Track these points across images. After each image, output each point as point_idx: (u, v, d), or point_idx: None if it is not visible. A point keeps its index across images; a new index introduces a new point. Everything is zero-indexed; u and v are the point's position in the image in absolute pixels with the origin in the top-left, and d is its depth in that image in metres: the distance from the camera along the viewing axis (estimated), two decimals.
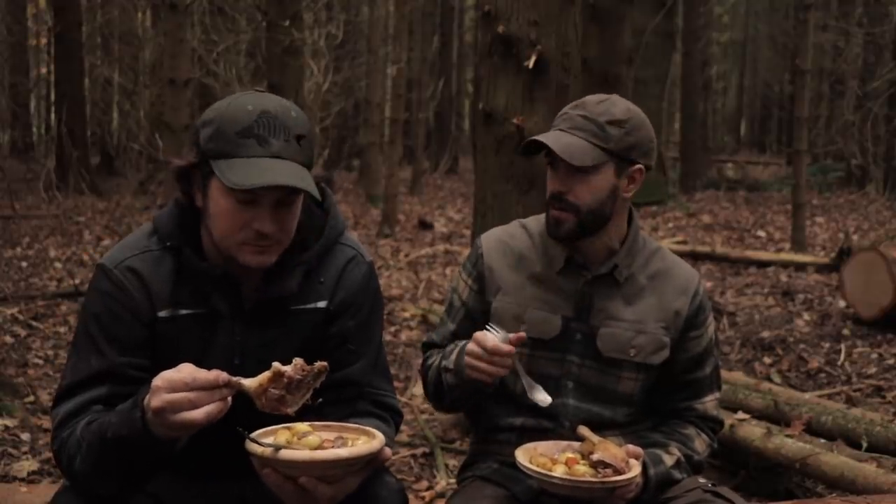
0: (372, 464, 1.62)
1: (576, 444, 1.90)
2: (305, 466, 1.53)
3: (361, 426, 1.68)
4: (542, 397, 1.92)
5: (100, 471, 1.62)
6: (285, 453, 1.53)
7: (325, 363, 1.61)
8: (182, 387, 1.49)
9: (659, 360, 2.04)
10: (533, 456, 1.86)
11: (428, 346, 2.20)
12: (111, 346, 1.72)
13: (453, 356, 1.97)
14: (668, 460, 1.98)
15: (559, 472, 1.79)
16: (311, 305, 1.82)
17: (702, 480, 2.00)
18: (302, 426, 1.63)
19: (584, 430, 1.93)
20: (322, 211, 1.88)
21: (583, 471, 1.79)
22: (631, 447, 1.88)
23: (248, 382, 1.55)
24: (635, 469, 1.82)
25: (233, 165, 1.62)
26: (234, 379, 1.53)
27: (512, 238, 2.13)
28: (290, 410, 1.57)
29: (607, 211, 2.00)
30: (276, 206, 1.67)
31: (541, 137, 1.96)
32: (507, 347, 1.83)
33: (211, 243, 1.77)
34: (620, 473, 1.78)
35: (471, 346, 1.86)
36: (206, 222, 1.74)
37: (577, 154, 1.93)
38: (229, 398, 1.53)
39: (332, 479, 1.56)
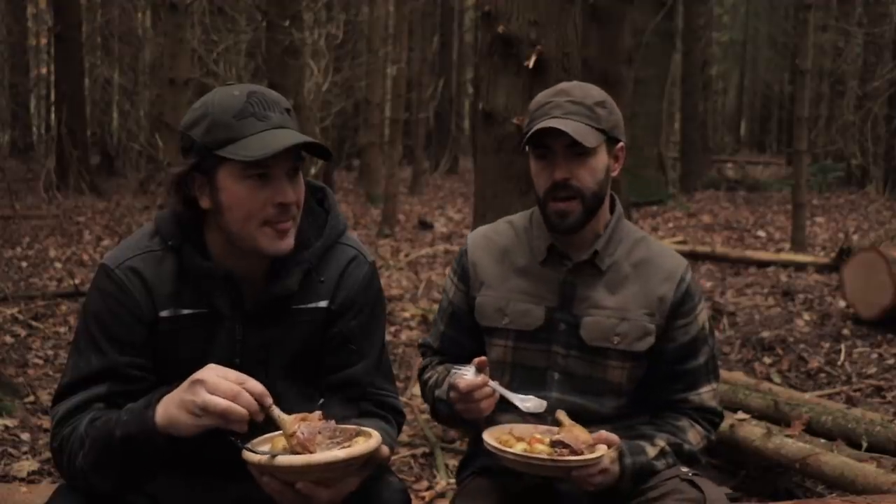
0: (370, 463, 1.62)
1: (555, 429, 1.91)
2: (303, 471, 1.53)
3: (358, 426, 1.68)
4: (534, 405, 1.92)
5: (101, 468, 1.62)
6: (282, 459, 1.53)
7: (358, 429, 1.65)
8: (234, 378, 1.54)
9: (644, 346, 2.03)
10: (500, 434, 1.89)
11: (423, 349, 2.22)
12: (111, 345, 1.72)
13: (444, 386, 1.99)
14: (651, 451, 1.96)
15: (518, 449, 1.81)
16: (312, 305, 1.83)
17: (684, 469, 1.98)
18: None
19: (560, 415, 1.93)
20: (323, 210, 1.88)
21: (541, 449, 1.81)
22: (604, 433, 1.88)
23: (287, 416, 1.57)
24: (598, 453, 1.82)
25: (242, 145, 1.64)
26: (275, 408, 1.56)
27: (497, 234, 2.16)
28: (318, 452, 1.56)
29: (603, 193, 2.03)
30: (289, 176, 1.70)
31: (550, 125, 1.94)
32: (478, 380, 1.84)
33: (216, 242, 1.77)
34: (576, 454, 1.79)
35: (452, 394, 1.89)
36: (216, 221, 1.74)
37: (585, 136, 1.94)
38: (245, 422, 1.53)
39: (330, 481, 1.56)
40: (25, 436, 3.87)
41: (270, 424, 1.58)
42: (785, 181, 15.57)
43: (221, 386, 1.51)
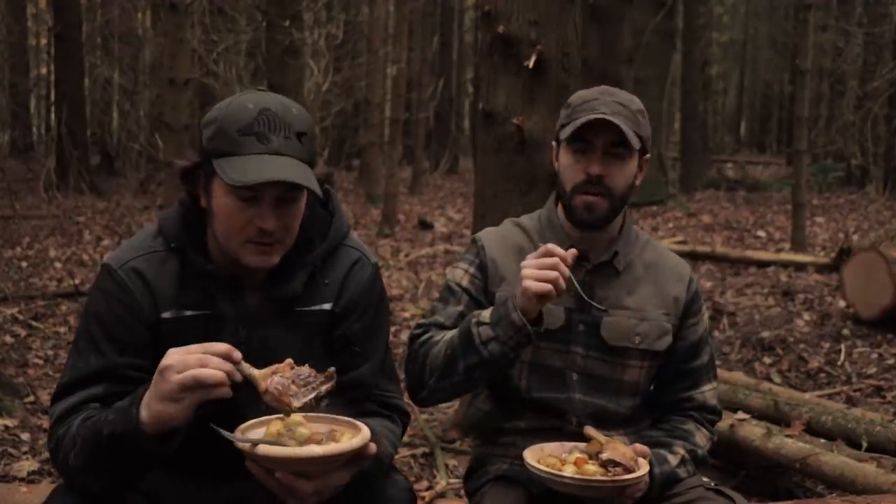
0: (358, 460, 1.61)
1: (582, 445, 1.91)
2: (281, 462, 1.54)
3: (352, 420, 1.66)
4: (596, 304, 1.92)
5: (92, 467, 1.62)
6: (262, 449, 1.53)
7: (333, 370, 1.61)
8: (195, 349, 1.52)
9: (663, 346, 2.05)
10: (541, 457, 1.86)
11: (426, 327, 2.07)
12: (111, 345, 1.72)
13: (487, 312, 1.90)
14: (673, 459, 1.99)
15: (569, 471, 1.80)
16: (316, 307, 1.83)
17: (705, 479, 2.02)
18: (296, 417, 1.63)
19: (590, 431, 1.94)
20: (327, 212, 1.88)
21: (592, 470, 1.80)
22: (638, 446, 1.89)
23: (256, 371, 1.57)
24: (644, 467, 1.83)
25: (233, 163, 1.63)
26: (245, 365, 1.55)
27: (509, 233, 2.15)
28: (295, 403, 1.56)
29: (628, 198, 2.03)
30: (278, 203, 1.68)
31: (606, 117, 1.94)
32: (564, 252, 1.81)
33: (216, 245, 1.77)
34: (630, 472, 1.79)
35: (527, 261, 1.82)
36: (210, 223, 1.75)
37: (633, 137, 1.95)
38: (230, 383, 1.52)
39: (312, 474, 1.56)
40: (25, 436, 3.87)
41: (248, 384, 1.57)
42: (785, 181, 15.57)
43: (189, 361, 1.50)
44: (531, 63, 3.46)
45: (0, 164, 13.88)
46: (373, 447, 1.62)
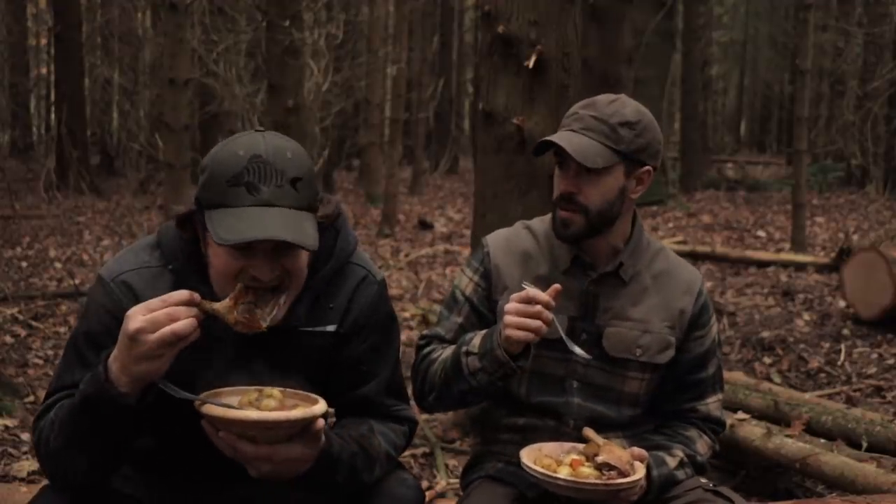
0: (308, 434, 1.59)
1: (580, 446, 1.90)
2: (220, 423, 1.56)
3: (319, 399, 1.64)
4: (581, 351, 1.92)
5: (72, 443, 1.60)
6: (205, 407, 1.56)
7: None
8: (158, 305, 1.50)
9: (665, 359, 2.05)
10: (538, 457, 1.86)
11: (429, 339, 2.13)
12: (97, 357, 1.67)
13: (476, 340, 1.92)
14: (672, 462, 1.98)
15: (564, 473, 1.79)
16: (320, 329, 1.80)
17: (703, 480, 2.01)
18: (273, 390, 1.65)
19: (588, 433, 1.93)
20: (333, 230, 1.84)
21: (587, 473, 1.80)
22: (636, 449, 1.89)
23: (218, 304, 1.59)
24: (640, 471, 1.82)
25: (223, 217, 1.59)
26: (205, 302, 1.57)
27: (517, 238, 2.14)
28: (263, 325, 1.61)
29: (615, 212, 2.01)
30: (274, 252, 1.63)
31: (553, 138, 1.96)
32: (547, 297, 1.81)
33: None
34: (625, 476, 1.78)
35: (510, 305, 1.82)
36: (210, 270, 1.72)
37: (590, 155, 1.93)
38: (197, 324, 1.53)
39: (255, 439, 1.56)
40: (25, 436, 3.87)
41: (215, 319, 1.59)
42: (785, 181, 15.57)
43: (159, 319, 1.49)
44: (531, 63, 3.46)
45: (0, 164, 13.89)
46: (320, 423, 1.59)
